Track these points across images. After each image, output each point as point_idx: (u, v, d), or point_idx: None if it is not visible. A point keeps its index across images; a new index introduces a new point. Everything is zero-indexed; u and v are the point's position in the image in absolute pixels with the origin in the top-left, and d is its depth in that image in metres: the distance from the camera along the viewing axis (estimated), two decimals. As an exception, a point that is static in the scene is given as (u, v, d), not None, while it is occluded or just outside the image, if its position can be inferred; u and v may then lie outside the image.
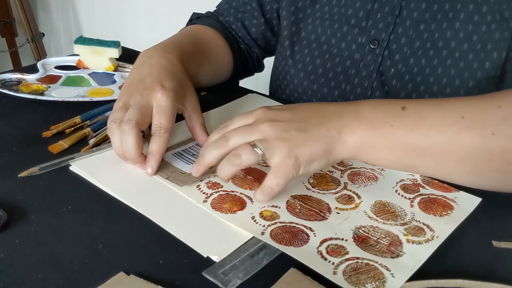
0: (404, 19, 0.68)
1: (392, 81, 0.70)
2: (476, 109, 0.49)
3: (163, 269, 0.42)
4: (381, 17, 0.70)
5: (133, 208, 0.50)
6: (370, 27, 0.71)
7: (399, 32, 0.69)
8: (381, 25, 0.70)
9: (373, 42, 0.70)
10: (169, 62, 0.63)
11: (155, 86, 0.57)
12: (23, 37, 2.09)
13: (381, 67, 0.70)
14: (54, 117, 0.67)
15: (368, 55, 0.71)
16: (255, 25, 0.86)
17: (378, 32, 0.70)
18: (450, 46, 0.65)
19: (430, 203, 0.53)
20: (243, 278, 0.41)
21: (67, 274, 0.41)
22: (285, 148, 0.49)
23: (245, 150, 0.49)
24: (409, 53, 0.68)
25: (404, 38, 0.68)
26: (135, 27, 2.03)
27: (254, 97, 0.79)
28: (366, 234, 0.48)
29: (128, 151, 0.54)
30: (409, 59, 0.68)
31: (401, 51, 0.69)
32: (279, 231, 0.47)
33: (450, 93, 0.66)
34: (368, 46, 0.71)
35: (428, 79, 0.67)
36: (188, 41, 0.75)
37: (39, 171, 0.54)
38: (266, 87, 0.93)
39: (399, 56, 0.69)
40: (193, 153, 0.60)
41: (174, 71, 0.61)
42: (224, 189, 0.53)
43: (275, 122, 0.51)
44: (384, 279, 0.42)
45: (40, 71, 0.82)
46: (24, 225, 0.46)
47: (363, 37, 0.72)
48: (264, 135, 0.50)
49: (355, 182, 0.57)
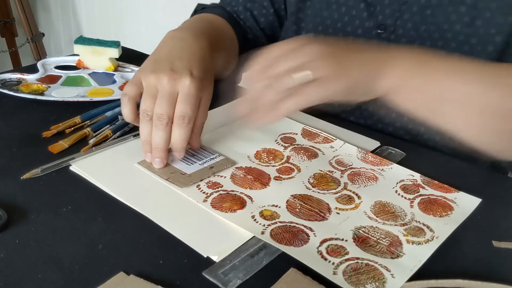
0: (411, 5, 0.69)
1: None
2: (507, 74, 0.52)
3: (163, 269, 0.42)
4: (388, 3, 0.70)
5: (133, 208, 0.50)
6: (378, 12, 0.71)
7: (405, 18, 0.69)
8: (388, 11, 0.70)
9: (380, 27, 0.71)
10: (201, 49, 0.61)
11: (184, 72, 0.55)
12: (23, 37, 2.09)
13: None
14: (54, 117, 0.67)
15: (374, 39, 0.71)
16: (264, 15, 0.85)
17: (385, 17, 0.71)
18: (455, 29, 0.66)
19: (430, 204, 0.53)
20: (243, 278, 0.41)
21: (67, 274, 0.41)
22: (332, 66, 0.49)
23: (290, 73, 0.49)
24: (415, 37, 0.69)
25: (410, 23, 0.69)
26: (135, 27, 2.03)
27: (254, 97, 0.79)
28: (366, 234, 0.48)
29: (157, 144, 0.55)
30: (415, 42, 0.69)
31: (407, 35, 0.69)
32: (279, 231, 0.47)
33: None
34: (375, 31, 0.71)
35: None
36: (208, 28, 0.73)
37: (41, 172, 0.54)
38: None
39: (405, 40, 0.69)
40: (193, 153, 0.59)
41: (204, 59, 0.60)
42: (224, 189, 0.53)
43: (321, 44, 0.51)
44: (384, 279, 0.42)
45: (40, 71, 0.82)
46: (24, 225, 0.46)
47: (371, 22, 0.72)
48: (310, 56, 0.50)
49: (355, 182, 0.57)
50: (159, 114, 0.54)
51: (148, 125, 0.55)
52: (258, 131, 0.67)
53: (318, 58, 0.50)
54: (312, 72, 0.49)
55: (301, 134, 0.67)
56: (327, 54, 0.50)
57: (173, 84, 0.55)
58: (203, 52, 0.61)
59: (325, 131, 0.68)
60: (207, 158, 0.58)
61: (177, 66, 0.56)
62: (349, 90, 0.51)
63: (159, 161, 0.56)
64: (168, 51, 0.60)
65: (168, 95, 0.55)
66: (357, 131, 0.69)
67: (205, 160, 0.58)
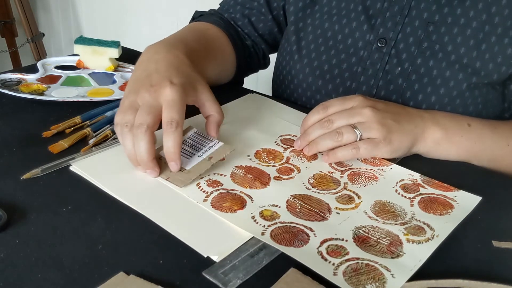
0: (413, 19, 0.69)
1: (398, 80, 0.70)
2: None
3: (163, 269, 0.42)
4: (390, 16, 0.70)
5: (133, 208, 0.50)
6: (379, 25, 0.71)
7: (407, 31, 0.69)
8: (390, 24, 0.70)
9: (381, 41, 0.71)
10: (176, 58, 0.61)
11: (163, 83, 0.55)
12: (23, 37, 2.09)
13: (388, 65, 0.70)
14: (54, 117, 0.67)
15: (375, 53, 0.71)
16: (262, 21, 0.85)
17: (386, 30, 0.70)
18: (460, 52, 0.66)
19: (430, 202, 0.53)
20: (243, 278, 0.41)
21: (67, 274, 0.41)
22: (383, 131, 0.59)
23: (347, 129, 0.59)
24: (416, 52, 0.68)
25: (412, 38, 0.69)
26: (135, 27, 2.03)
27: (254, 97, 0.79)
28: (366, 234, 0.48)
29: (141, 156, 0.53)
30: (417, 59, 0.69)
31: (408, 50, 0.69)
32: (279, 231, 0.47)
33: (456, 95, 0.67)
34: (375, 44, 0.71)
35: (435, 81, 0.68)
36: (193, 37, 0.74)
37: (41, 172, 0.54)
38: (266, 87, 0.93)
39: (406, 55, 0.69)
40: (191, 144, 0.59)
41: (181, 66, 0.60)
42: (224, 187, 0.53)
43: (374, 109, 0.60)
44: (384, 279, 0.42)
45: (40, 71, 0.82)
46: (24, 225, 0.46)
47: (371, 35, 0.72)
48: (365, 119, 0.59)
49: (355, 182, 0.57)
50: (137, 123, 0.53)
51: (129, 137, 0.53)
52: (257, 131, 0.67)
53: (372, 121, 0.59)
54: (366, 133, 0.59)
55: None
56: (379, 120, 0.59)
57: (155, 96, 0.55)
58: (179, 59, 0.62)
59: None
60: (205, 147, 0.58)
61: (155, 80, 0.56)
62: (393, 152, 0.60)
63: (151, 171, 0.54)
64: (144, 68, 0.60)
65: (148, 107, 0.54)
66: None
67: (204, 150, 0.58)
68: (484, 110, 0.68)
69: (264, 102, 0.77)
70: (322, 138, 0.60)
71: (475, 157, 0.64)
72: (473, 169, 0.63)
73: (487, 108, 0.69)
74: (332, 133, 0.59)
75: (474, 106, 0.68)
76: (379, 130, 0.59)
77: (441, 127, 0.63)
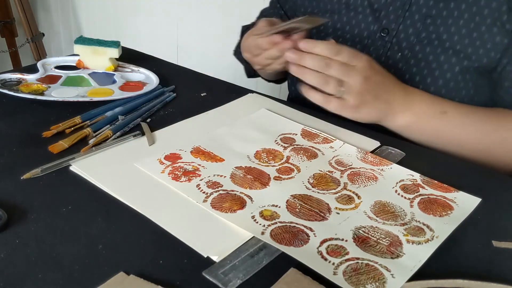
0: (413, 13, 0.75)
1: (398, 64, 0.77)
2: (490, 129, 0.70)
3: (163, 269, 0.42)
4: (392, 10, 0.77)
5: (133, 208, 0.50)
6: (383, 17, 0.78)
7: (407, 23, 0.76)
8: (392, 16, 0.77)
9: (384, 31, 0.78)
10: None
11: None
12: (23, 37, 2.08)
13: (389, 52, 0.78)
14: (54, 117, 0.67)
15: (378, 41, 0.78)
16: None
17: (388, 22, 0.77)
18: (453, 40, 0.73)
19: (430, 203, 0.53)
20: (243, 278, 0.41)
21: (67, 274, 0.41)
22: (356, 101, 0.64)
23: (334, 83, 0.63)
24: (415, 41, 0.75)
25: (411, 29, 0.75)
26: (135, 27, 2.03)
27: (254, 97, 0.79)
28: (366, 234, 0.48)
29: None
30: (415, 47, 0.75)
31: (408, 39, 0.76)
32: (279, 231, 0.47)
33: (450, 77, 0.73)
34: (379, 34, 0.78)
35: (431, 65, 0.74)
36: None
37: (41, 172, 0.54)
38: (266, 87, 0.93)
39: (406, 44, 0.76)
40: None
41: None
42: (224, 188, 0.53)
43: (367, 80, 0.64)
44: (384, 279, 0.42)
45: (40, 71, 0.82)
46: (24, 225, 0.46)
47: (375, 26, 0.78)
48: (352, 83, 0.63)
49: (355, 182, 0.57)
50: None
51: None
52: (257, 131, 0.67)
53: (355, 88, 0.63)
54: (345, 95, 0.64)
55: (300, 134, 0.67)
56: (361, 90, 0.64)
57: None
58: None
59: (325, 131, 0.68)
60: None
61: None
62: (356, 118, 0.66)
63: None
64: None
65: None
66: (357, 131, 0.69)
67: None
68: (476, 96, 0.74)
69: (264, 101, 0.77)
70: (311, 73, 0.64)
71: (443, 144, 0.70)
72: (473, 169, 0.63)
73: (479, 95, 0.74)
74: (322, 77, 0.63)
75: (466, 90, 0.73)
76: (355, 98, 0.64)
77: (413, 113, 0.69)
